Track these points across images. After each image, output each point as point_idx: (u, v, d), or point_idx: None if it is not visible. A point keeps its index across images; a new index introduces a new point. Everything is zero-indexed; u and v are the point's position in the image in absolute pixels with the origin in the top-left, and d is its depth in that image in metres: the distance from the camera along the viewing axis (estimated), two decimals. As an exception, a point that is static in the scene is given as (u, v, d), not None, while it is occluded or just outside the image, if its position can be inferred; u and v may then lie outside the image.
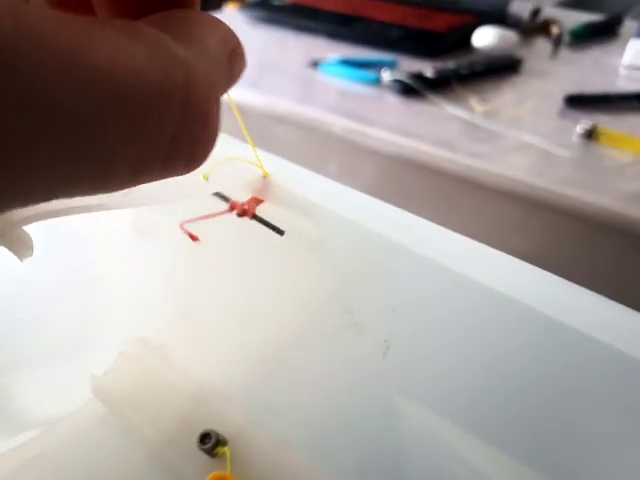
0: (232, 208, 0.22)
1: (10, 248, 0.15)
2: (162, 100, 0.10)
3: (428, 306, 0.20)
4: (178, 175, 0.12)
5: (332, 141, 0.66)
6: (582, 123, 0.62)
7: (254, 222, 0.22)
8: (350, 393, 0.22)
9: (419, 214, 0.69)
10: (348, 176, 0.67)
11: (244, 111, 0.72)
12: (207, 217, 0.21)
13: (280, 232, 0.22)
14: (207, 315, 0.25)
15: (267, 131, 0.72)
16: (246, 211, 0.22)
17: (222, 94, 0.14)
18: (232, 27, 0.15)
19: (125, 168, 0.10)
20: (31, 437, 0.24)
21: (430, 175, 0.61)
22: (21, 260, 0.15)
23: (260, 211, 0.22)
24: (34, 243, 0.16)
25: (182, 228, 0.22)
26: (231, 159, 0.22)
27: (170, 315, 0.25)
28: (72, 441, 0.24)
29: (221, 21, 0.14)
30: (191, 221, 0.21)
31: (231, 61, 0.14)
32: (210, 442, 0.22)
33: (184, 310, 0.25)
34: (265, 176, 0.23)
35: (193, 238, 0.22)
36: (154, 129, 0.10)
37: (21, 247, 0.15)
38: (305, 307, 0.23)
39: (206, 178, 0.20)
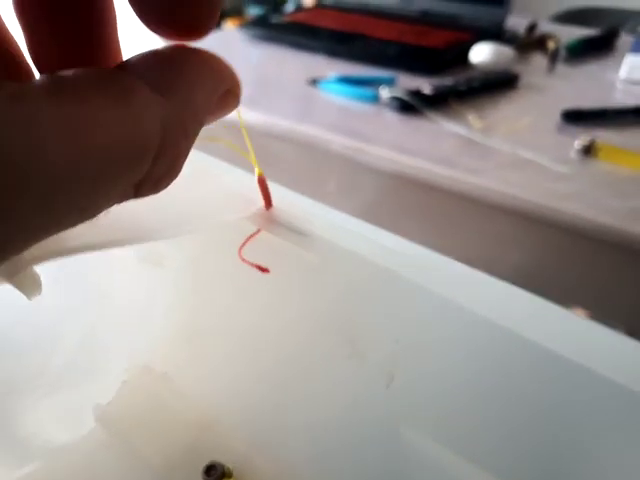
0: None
1: (19, 287, 0.16)
2: (133, 157, 0.11)
3: (431, 337, 0.21)
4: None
5: (331, 158, 0.67)
6: (580, 138, 0.62)
7: (256, 249, 0.22)
8: (354, 422, 0.22)
9: (418, 231, 0.70)
10: (347, 193, 0.68)
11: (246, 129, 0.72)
12: (243, 246, 0.22)
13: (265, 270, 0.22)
14: (210, 343, 0.25)
15: (267, 149, 0.72)
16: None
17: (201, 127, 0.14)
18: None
19: (91, 211, 0.11)
20: (36, 466, 0.24)
21: (429, 192, 0.62)
22: (29, 299, 0.16)
23: (261, 240, 0.23)
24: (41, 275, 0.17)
25: (242, 259, 0.22)
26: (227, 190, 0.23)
27: (173, 343, 0.25)
28: (77, 469, 0.24)
29: (218, 60, 0.14)
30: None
31: (223, 100, 0.14)
32: (215, 474, 0.22)
33: (187, 337, 0.25)
34: (267, 207, 0.23)
35: (262, 269, 0.22)
36: (123, 180, 0.11)
37: (30, 286, 0.15)
38: (308, 336, 0.23)
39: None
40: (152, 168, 0.11)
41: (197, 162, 0.20)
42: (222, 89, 0.14)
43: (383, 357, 0.21)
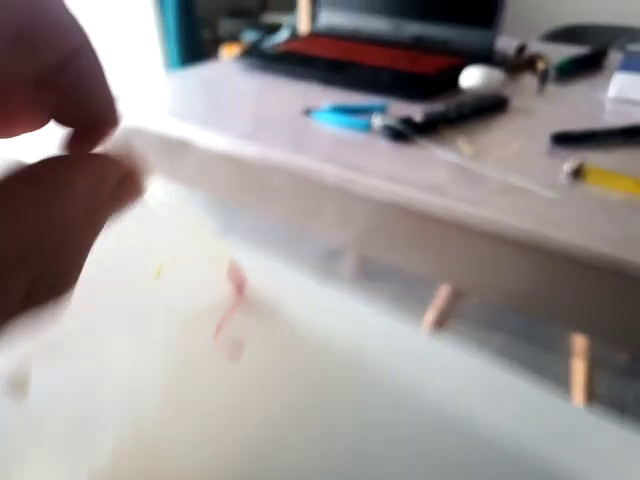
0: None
1: (7, 394, 0.16)
2: (11, 270, 0.11)
3: (397, 420, 0.22)
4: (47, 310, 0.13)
5: (326, 189, 0.68)
6: (569, 162, 0.63)
7: (232, 328, 0.23)
8: None
9: (413, 258, 0.71)
10: (342, 223, 0.69)
11: (241, 161, 0.74)
12: (221, 324, 0.23)
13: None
14: (197, 412, 0.26)
15: (262, 180, 0.74)
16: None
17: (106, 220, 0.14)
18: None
19: None
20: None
21: (422, 220, 0.63)
22: (15, 402, 0.17)
23: (236, 319, 0.24)
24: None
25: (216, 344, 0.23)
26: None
27: (162, 410, 0.26)
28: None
29: (99, 160, 0.14)
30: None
31: (118, 191, 0.14)
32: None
33: (176, 406, 0.26)
34: (240, 291, 0.24)
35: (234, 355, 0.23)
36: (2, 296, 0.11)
37: (18, 391, 0.16)
38: (287, 406, 0.24)
39: (160, 269, 0.21)
40: (35, 281, 0.12)
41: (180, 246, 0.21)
42: (111, 178, 0.14)
43: (354, 427, 0.22)
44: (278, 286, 0.24)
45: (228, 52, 2.12)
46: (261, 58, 1.01)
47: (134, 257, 0.28)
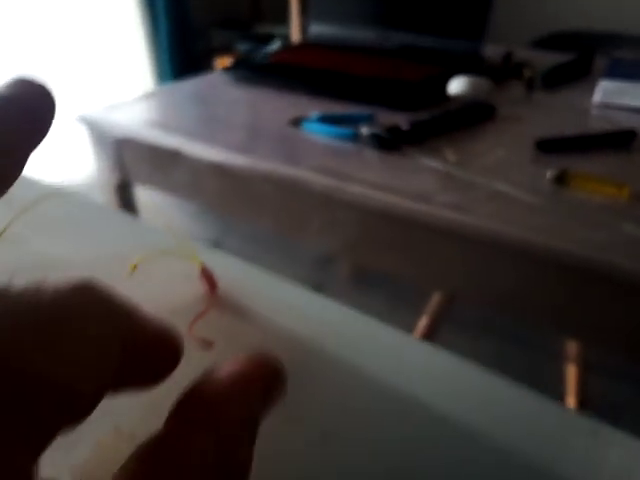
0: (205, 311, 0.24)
1: None
2: None
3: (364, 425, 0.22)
4: None
5: (313, 198, 0.69)
6: (552, 168, 0.64)
7: (203, 329, 0.24)
8: None
9: (400, 265, 0.71)
10: (330, 231, 0.69)
11: (231, 171, 0.75)
12: (195, 321, 0.23)
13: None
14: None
15: (251, 190, 0.75)
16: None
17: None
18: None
19: None
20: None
21: (409, 227, 0.63)
22: None
23: (207, 319, 0.24)
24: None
25: (191, 334, 0.23)
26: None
27: (140, 407, 0.27)
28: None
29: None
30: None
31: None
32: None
33: (154, 402, 0.26)
34: (211, 291, 0.25)
35: (207, 344, 0.23)
36: None
37: None
38: None
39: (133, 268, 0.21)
40: None
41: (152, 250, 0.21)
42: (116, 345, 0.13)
43: (318, 420, 0.22)
44: (252, 288, 0.25)
45: (222, 63, 2.13)
46: (251, 70, 1.02)
47: (107, 258, 0.28)
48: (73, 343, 0.11)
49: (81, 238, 0.34)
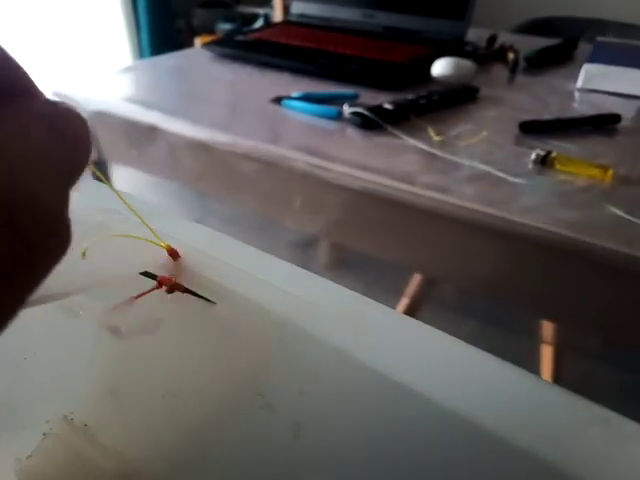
0: (160, 284, 0.22)
1: None
2: None
3: (334, 391, 0.21)
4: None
5: (295, 177, 0.67)
6: (536, 150, 0.64)
7: (173, 300, 0.22)
8: (264, 472, 0.22)
9: (382, 246, 0.70)
10: (312, 210, 0.68)
11: (211, 149, 0.73)
12: (137, 297, 0.22)
13: (212, 302, 0.23)
14: (129, 394, 0.25)
15: (232, 168, 0.73)
16: (175, 286, 0.23)
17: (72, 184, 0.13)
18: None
19: None
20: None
21: (392, 207, 0.62)
22: None
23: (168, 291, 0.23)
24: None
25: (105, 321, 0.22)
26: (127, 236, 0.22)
27: (94, 394, 0.25)
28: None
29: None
30: (120, 306, 0.22)
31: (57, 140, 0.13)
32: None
33: (107, 388, 0.25)
34: (174, 258, 0.23)
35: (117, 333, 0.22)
36: None
37: None
38: (223, 388, 0.23)
39: (84, 255, 0.20)
40: None
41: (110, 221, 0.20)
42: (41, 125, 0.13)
43: (290, 409, 0.22)
44: (213, 259, 0.24)
45: (202, 43, 2.09)
46: (232, 46, 1.00)
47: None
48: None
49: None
